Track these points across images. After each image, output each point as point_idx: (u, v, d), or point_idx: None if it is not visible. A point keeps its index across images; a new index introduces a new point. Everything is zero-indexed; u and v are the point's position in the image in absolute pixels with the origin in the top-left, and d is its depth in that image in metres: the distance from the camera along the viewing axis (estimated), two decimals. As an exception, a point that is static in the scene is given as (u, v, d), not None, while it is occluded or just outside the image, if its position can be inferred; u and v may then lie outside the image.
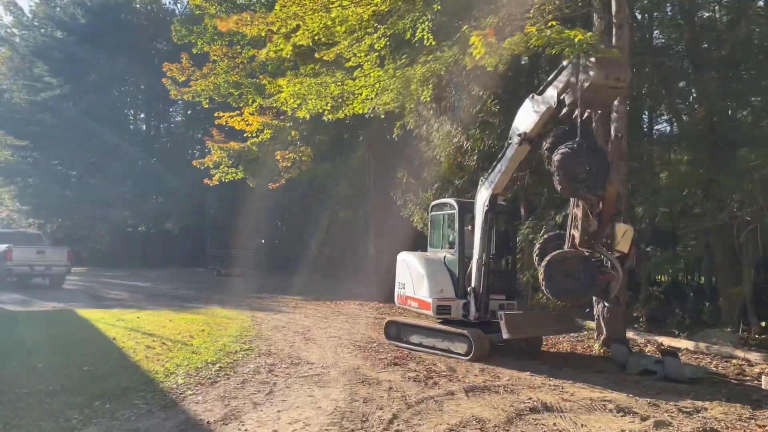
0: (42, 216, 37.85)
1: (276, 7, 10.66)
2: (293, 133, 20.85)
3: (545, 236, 9.89)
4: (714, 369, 9.36)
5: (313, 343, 10.44)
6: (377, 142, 19.89)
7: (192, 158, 30.69)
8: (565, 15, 11.42)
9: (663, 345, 11.46)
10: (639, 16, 14.85)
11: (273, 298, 19.01)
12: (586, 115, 8.01)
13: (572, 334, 12.39)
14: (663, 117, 15.58)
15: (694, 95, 13.78)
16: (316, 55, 12.31)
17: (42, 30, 38.47)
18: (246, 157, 22.26)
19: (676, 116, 14.10)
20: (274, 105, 14.06)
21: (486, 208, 9.62)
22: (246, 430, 5.56)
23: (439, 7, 12.30)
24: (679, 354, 10.50)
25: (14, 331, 10.65)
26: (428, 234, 11.80)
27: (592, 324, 11.38)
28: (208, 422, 5.75)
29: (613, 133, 10.25)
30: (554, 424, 6.05)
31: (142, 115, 42.25)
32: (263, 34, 11.89)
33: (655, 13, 14.04)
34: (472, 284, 9.60)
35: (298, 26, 10.68)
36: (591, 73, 7.34)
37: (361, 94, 11.62)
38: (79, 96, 37.13)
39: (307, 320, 13.54)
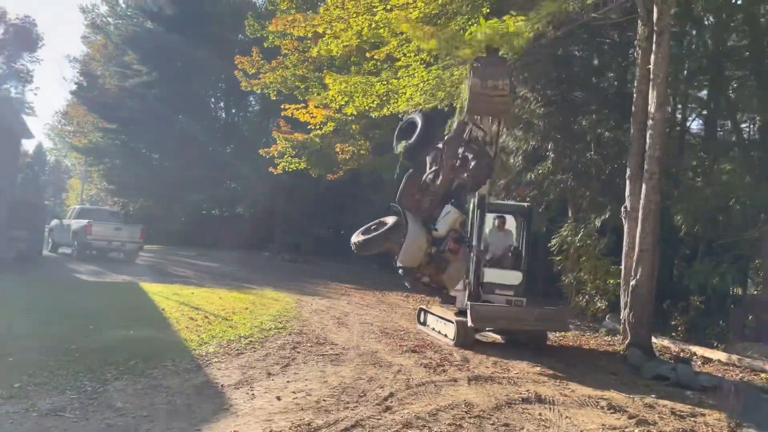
0: (125, 195, 40.46)
1: (320, 11, 11.33)
2: (354, 126, 21.58)
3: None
4: (734, 380, 9.34)
5: (345, 327, 11.09)
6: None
7: (266, 147, 32.12)
8: (612, 21, 11.54)
9: (695, 354, 11.45)
10: (707, 20, 14.62)
11: (326, 285, 19.82)
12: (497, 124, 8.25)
13: (606, 338, 12.55)
14: (722, 124, 15.23)
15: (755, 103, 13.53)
16: (367, 54, 12.88)
17: (134, 20, 40.98)
18: (309, 149, 23.22)
19: (733, 123, 13.83)
20: (324, 102, 14.73)
21: (475, 207, 10.18)
22: (253, 394, 6.24)
23: (487, 10, 12.64)
24: (709, 365, 10.52)
25: (81, 297, 11.89)
26: None
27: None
28: (222, 385, 6.48)
29: (648, 140, 10.30)
30: (539, 414, 6.41)
31: (221, 104, 44.14)
32: (309, 35, 12.60)
33: (709, 18, 13.79)
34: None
35: (346, 27, 11.30)
36: (468, 80, 7.49)
37: (405, 93, 12.11)
38: (164, 83, 39.35)
39: (349, 307, 14.22)
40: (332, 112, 21.20)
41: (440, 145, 9.64)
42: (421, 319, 11.75)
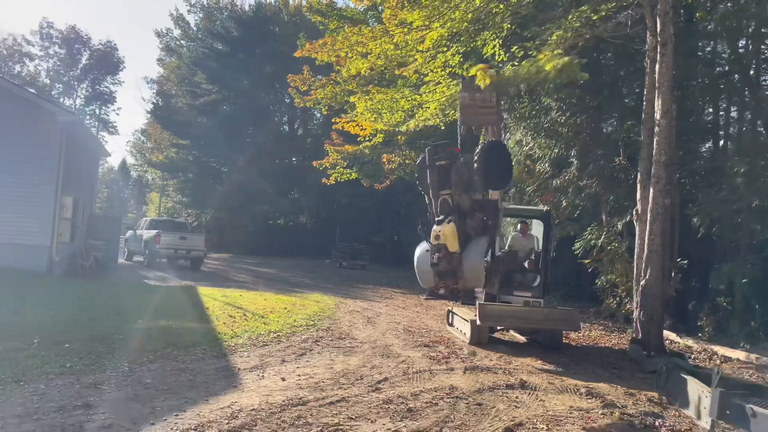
0: (198, 207, 43.04)
1: (339, 37, 12.38)
2: (400, 138, 22.55)
3: None
4: (738, 377, 9.62)
5: (371, 325, 12.02)
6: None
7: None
8: (620, 33, 12.01)
9: (716, 354, 11.69)
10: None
11: (373, 289, 20.80)
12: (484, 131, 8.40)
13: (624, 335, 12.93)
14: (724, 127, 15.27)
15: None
16: (396, 72, 13.82)
17: (203, 41, 43.65)
18: (359, 160, 24.37)
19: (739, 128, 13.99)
20: (355, 119, 15.79)
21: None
22: (263, 376, 7.27)
23: (508, 26, 13.34)
24: (728, 363, 10.79)
25: (139, 298, 13.38)
26: None
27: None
28: (238, 369, 7.55)
29: (655, 146, 10.72)
30: (516, 397, 7.13)
31: (286, 118, 46.05)
32: (333, 60, 13.68)
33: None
34: None
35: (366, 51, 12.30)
36: (460, 94, 7.85)
37: (429, 108, 12.96)
38: (232, 100, 41.76)
39: (385, 309, 15.13)
40: (381, 124, 22.31)
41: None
42: (449, 320, 12.52)
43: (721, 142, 14.55)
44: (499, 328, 11.48)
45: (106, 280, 16.94)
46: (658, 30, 10.66)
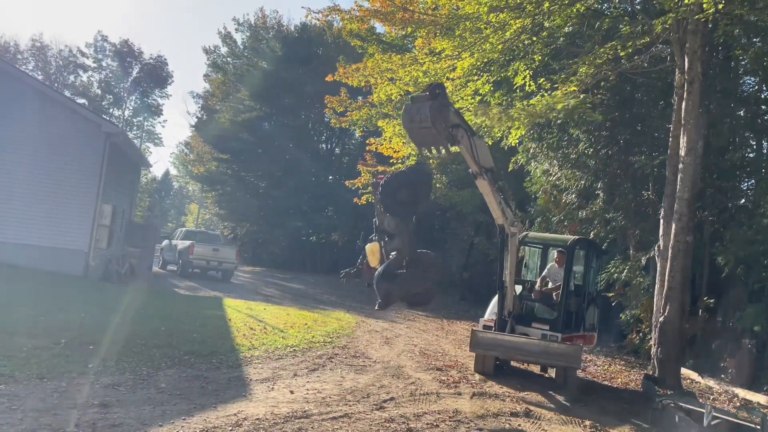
0: (234, 220, 43.94)
1: (368, 64, 12.75)
2: (432, 161, 22.77)
3: None
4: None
5: (388, 345, 12.19)
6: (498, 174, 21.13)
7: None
8: (645, 69, 12.08)
9: (736, 396, 11.48)
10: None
11: (398, 310, 20.91)
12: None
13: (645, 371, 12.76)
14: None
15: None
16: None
17: (249, 59, 44.85)
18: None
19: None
20: (383, 143, 16.10)
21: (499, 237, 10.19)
22: (273, 388, 7.52)
23: (539, 58, 13.54)
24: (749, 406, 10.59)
25: (167, 306, 13.83)
26: None
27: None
28: (250, 380, 7.82)
29: (679, 183, 10.72)
30: (518, 426, 7.22)
31: (324, 136, 46.77)
32: (362, 85, 14.04)
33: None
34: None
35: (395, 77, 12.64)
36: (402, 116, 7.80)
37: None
38: (273, 118, 42.72)
39: (405, 330, 15.28)
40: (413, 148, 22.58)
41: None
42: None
43: (752, 182, 14.37)
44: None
45: (138, 286, 17.50)
46: (686, 68, 10.71)
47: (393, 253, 8.01)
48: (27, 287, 13.24)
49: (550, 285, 10.80)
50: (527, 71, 13.42)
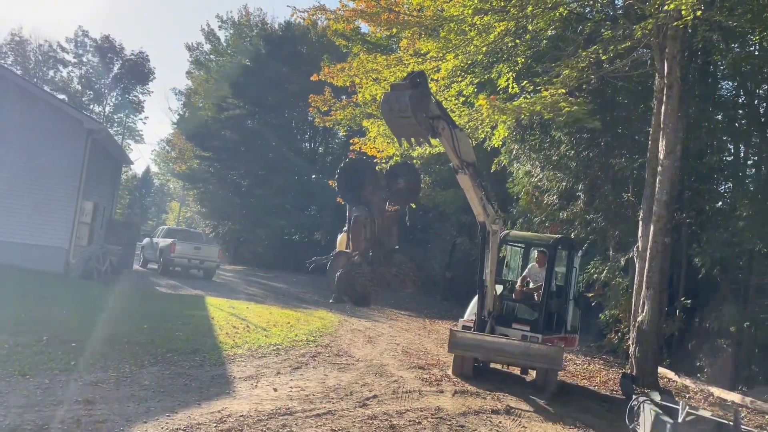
0: (216, 218, 43.68)
1: (354, 64, 12.82)
2: (416, 161, 22.89)
3: None
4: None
5: (371, 344, 12.26)
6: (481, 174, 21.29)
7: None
8: (626, 73, 12.29)
9: (711, 395, 11.72)
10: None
11: (381, 310, 20.98)
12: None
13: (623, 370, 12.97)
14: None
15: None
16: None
17: (232, 57, 44.62)
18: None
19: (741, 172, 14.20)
20: (367, 143, 16.18)
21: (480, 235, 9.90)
22: (256, 385, 7.56)
23: (522, 60, 13.70)
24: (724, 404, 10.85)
25: (149, 304, 13.78)
26: None
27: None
28: (234, 377, 7.85)
29: (657, 186, 10.93)
30: (499, 423, 7.33)
31: (308, 135, 46.71)
32: (347, 84, 14.12)
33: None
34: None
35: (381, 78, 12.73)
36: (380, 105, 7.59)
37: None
38: (256, 116, 42.54)
39: (387, 329, 15.36)
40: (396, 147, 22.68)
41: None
42: None
43: (729, 185, 14.69)
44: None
45: (119, 284, 17.39)
46: (666, 72, 10.92)
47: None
48: (6, 284, 13.12)
49: (531, 285, 10.62)
50: (510, 73, 13.58)
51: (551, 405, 8.73)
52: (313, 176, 44.04)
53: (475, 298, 10.45)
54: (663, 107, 10.92)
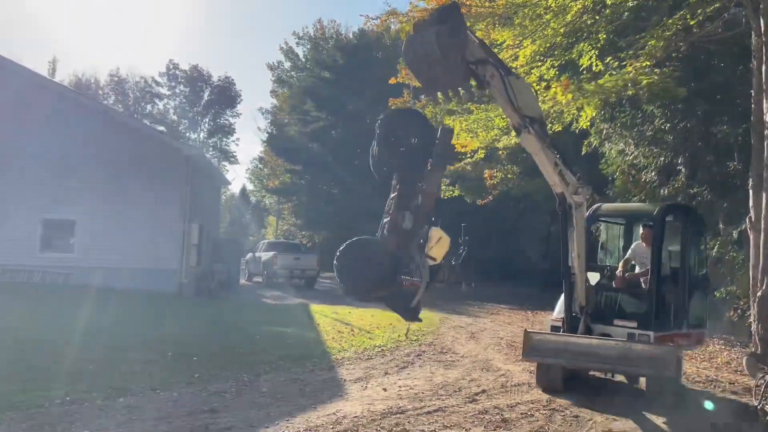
0: (311, 228, 44.97)
1: None
2: (501, 153, 22.60)
3: None
4: None
5: (474, 340, 12.25)
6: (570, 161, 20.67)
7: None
8: (719, 36, 11.62)
9: None
10: None
11: (480, 305, 20.90)
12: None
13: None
14: None
15: None
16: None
17: (312, 71, 45.78)
18: (462, 176, 24.64)
19: None
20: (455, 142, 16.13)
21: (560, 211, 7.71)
22: (365, 386, 7.77)
23: (604, 36, 13.26)
24: None
25: (260, 315, 14.44)
26: None
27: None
28: (344, 380, 8.11)
29: (766, 149, 10.25)
30: (615, 412, 7.13)
31: (391, 139, 47.00)
32: None
33: None
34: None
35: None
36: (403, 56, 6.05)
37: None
38: (339, 125, 43.44)
39: (489, 324, 15.27)
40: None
41: None
42: None
43: None
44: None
45: (229, 299, 18.30)
46: (763, 30, 10.21)
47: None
48: (129, 307, 14.12)
49: (637, 269, 8.67)
50: (593, 51, 13.11)
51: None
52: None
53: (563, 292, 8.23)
54: (763, 66, 10.20)
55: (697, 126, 13.88)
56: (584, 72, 13.52)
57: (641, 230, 8.94)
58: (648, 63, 10.52)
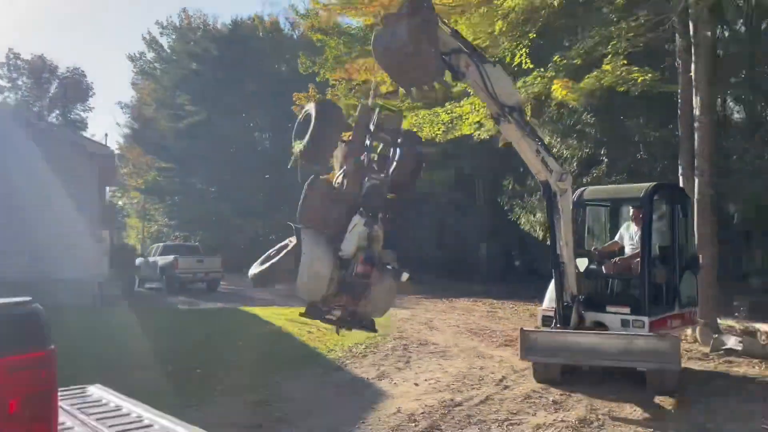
0: (186, 229, 42.77)
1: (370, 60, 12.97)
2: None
3: None
4: None
5: (436, 330, 12.52)
6: (483, 153, 21.69)
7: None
8: (646, 39, 12.83)
9: (759, 330, 12.51)
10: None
11: (402, 297, 21.20)
12: None
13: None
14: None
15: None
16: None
17: (181, 63, 43.44)
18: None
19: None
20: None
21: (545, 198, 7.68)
22: (395, 383, 7.74)
23: (534, 35, 14.03)
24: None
25: (205, 323, 13.62)
26: None
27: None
28: (368, 379, 8.01)
29: (697, 140, 11.54)
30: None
31: (269, 134, 46.07)
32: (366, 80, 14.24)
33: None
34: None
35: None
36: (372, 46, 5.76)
37: (468, 119, 13.55)
38: (214, 121, 41.69)
39: (429, 314, 15.63)
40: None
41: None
42: None
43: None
44: None
45: (145, 307, 17.03)
46: (691, 33, 11.47)
47: None
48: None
49: (627, 251, 8.37)
50: (522, 50, 13.90)
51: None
52: (284, 175, 43.55)
53: (553, 282, 7.96)
54: (693, 65, 11.44)
55: (611, 120, 15.20)
56: (515, 68, 14.28)
57: (631, 211, 8.64)
58: (624, 62, 11.33)
